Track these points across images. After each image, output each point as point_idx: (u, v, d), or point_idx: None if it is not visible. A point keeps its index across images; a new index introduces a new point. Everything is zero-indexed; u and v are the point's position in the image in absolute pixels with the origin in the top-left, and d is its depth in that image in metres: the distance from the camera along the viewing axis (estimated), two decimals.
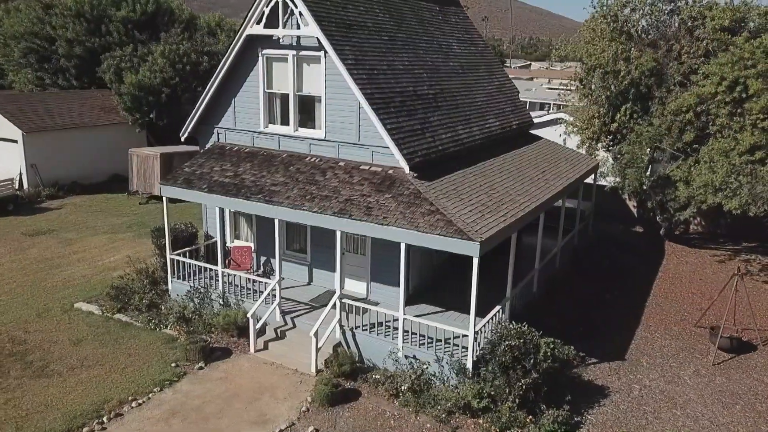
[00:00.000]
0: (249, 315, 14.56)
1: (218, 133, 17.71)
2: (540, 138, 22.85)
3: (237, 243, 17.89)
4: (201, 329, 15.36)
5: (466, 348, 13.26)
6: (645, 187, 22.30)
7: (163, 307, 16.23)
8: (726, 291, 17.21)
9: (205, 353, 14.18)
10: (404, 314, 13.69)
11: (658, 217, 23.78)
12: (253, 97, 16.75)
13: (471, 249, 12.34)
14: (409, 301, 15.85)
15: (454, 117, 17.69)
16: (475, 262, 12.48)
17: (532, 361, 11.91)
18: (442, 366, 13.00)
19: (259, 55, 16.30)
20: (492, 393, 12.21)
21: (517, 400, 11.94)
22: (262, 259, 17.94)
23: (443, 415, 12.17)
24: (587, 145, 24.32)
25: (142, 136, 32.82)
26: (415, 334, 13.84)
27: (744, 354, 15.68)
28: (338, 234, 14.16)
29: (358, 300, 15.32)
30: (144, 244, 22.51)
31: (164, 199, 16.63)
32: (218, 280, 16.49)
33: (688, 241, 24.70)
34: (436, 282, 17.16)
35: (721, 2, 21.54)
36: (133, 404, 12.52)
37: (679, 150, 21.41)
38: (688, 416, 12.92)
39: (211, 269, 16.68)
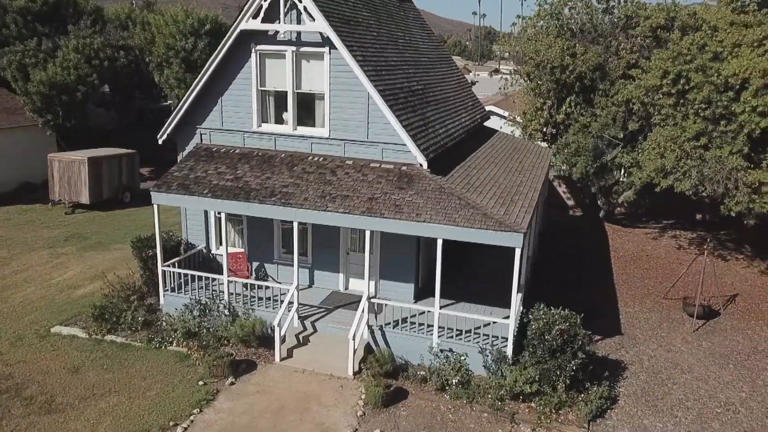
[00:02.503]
0: (275, 323, 13.94)
1: (201, 134, 16.67)
2: (495, 130, 23.82)
3: (231, 249, 16.94)
4: (212, 343, 14.47)
5: (499, 337, 13.75)
6: (590, 174, 24.05)
7: (164, 323, 15.05)
8: (684, 266, 19.12)
9: (233, 367, 13.41)
10: (439, 309, 13.83)
11: (599, 201, 25.72)
12: (244, 95, 15.95)
13: (515, 240, 12.75)
14: (419, 295, 16.03)
15: (442, 112, 18.02)
16: (518, 252, 12.92)
17: (580, 342, 12.58)
18: (486, 356, 13.30)
19: (252, 51, 15.55)
20: (537, 377, 12.72)
21: (567, 381, 12.55)
22: (254, 264, 17.16)
23: (498, 403, 12.51)
24: (528, 134, 25.74)
25: (51, 139, 29.77)
26: (450, 329, 14.02)
27: (713, 319, 17.52)
28: (367, 234, 13.94)
29: (384, 299, 15.15)
30: (94, 258, 20.67)
31: (155, 207, 15.39)
32: (222, 290, 15.60)
33: (620, 222, 26.93)
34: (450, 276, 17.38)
35: (651, 1, 23.66)
36: (178, 429, 11.60)
37: (620, 139, 23.31)
38: (698, 379, 14.29)
39: (212, 279, 15.74)
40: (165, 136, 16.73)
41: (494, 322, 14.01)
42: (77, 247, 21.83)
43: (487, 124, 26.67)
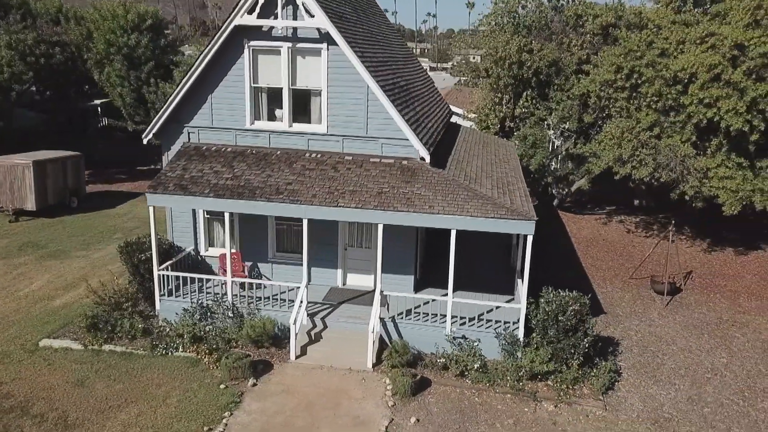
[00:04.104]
0: (291, 321, 13.82)
1: (189, 133, 16.16)
2: (459, 125, 24.50)
3: (225, 250, 16.55)
4: (221, 346, 14.14)
5: (509, 322, 14.37)
6: (545, 164, 25.30)
7: (167, 329, 14.53)
8: (637, 248, 20.60)
9: (253, 369, 13.21)
10: (452, 298, 14.24)
11: (554, 190, 27.05)
12: (236, 92, 15.64)
13: (527, 228, 13.37)
14: (417, 287, 16.37)
15: (425, 107, 18.41)
16: (529, 239, 13.54)
17: (593, 321, 13.37)
18: (501, 340, 13.84)
19: (245, 47, 15.27)
20: (550, 357, 13.41)
21: (581, 358, 13.33)
22: (247, 264, 16.86)
23: (518, 384, 13.10)
24: (483, 128, 26.70)
25: None
26: (461, 317, 14.45)
27: (678, 295, 19.02)
28: (380, 228, 14.09)
29: (401, 292, 15.29)
30: (58, 267, 19.51)
31: (151, 209, 14.78)
32: (219, 292, 15.28)
33: (569, 210, 28.46)
34: (427, 267, 17.81)
35: (599, 1, 25.14)
36: None
37: (573, 131, 24.66)
38: (682, 349, 15.54)
39: (213, 281, 15.36)
40: (150, 136, 16.09)
41: (498, 307, 14.64)
42: (35, 256, 20.47)
43: None
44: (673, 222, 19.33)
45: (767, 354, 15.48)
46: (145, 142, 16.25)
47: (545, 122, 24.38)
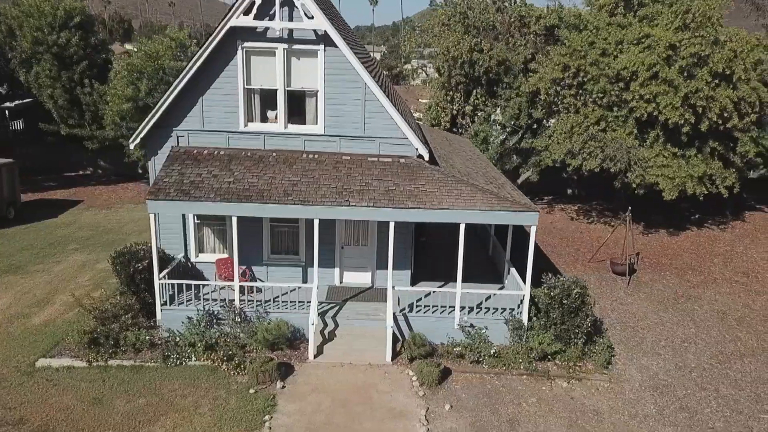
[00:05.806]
0: (310, 322, 13.90)
1: (178, 137, 15.70)
2: (419, 123, 25.18)
3: (220, 256, 16.26)
4: (235, 351, 13.97)
5: (511, 309, 15.24)
6: (496, 160, 26.59)
7: (178, 338, 14.12)
8: (585, 234, 22.31)
9: (280, 372, 13.20)
10: (461, 290, 14.88)
11: None
12: (229, 94, 15.38)
13: (531, 219, 14.28)
14: (414, 280, 16.88)
15: (404, 106, 18.91)
16: (533, 230, 14.44)
17: (594, 303, 14.48)
18: (510, 326, 14.67)
19: (239, 48, 15.07)
20: (554, 338, 14.42)
21: (584, 338, 14.42)
22: (242, 268, 16.61)
23: (531, 365, 13.98)
24: (435, 124, 27.63)
25: None
26: (463, 307, 15.13)
27: (634, 275, 20.80)
28: (391, 225, 14.42)
29: (405, 287, 15.73)
30: (20, 283, 18.29)
31: (152, 217, 14.26)
32: (216, 299, 15.05)
33: None
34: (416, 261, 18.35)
35: (539, 4, 26.64)
36: None
37: (521, 127, 26.11)
38: (656, 323, 17.13)
39: (219, 287, 15.07)
40: (138, 140, 15.48)
41: (493, 295, 15.48)
42: None
43: None
44: (630, 209, 21.02)
45: (725, 322, 17.39)
46: (131, 147, 15.61)
47: (491, 118, 25.60)
